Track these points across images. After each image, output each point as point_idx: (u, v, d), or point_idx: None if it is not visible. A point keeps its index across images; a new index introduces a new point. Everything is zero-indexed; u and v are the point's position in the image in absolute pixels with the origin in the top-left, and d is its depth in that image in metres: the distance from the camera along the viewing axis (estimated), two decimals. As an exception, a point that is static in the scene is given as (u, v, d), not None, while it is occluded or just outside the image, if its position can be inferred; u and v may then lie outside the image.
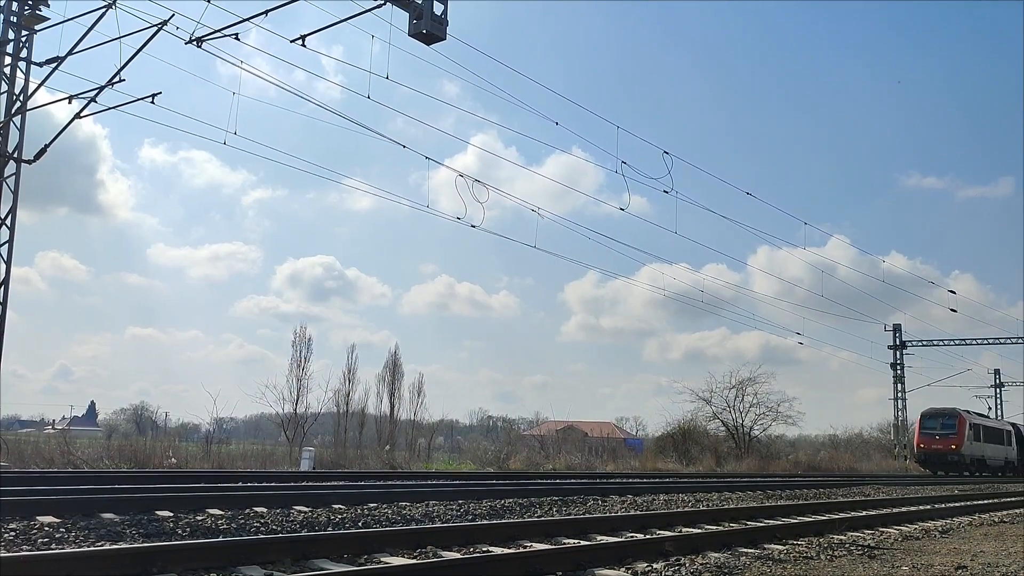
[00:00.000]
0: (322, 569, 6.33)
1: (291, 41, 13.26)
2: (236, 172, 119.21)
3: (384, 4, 12.26)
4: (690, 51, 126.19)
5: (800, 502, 15.08)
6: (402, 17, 11.97)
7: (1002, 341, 49.67)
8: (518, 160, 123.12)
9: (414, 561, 6.82)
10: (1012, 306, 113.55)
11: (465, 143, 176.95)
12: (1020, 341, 49.06)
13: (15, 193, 15.77)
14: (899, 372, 50.60)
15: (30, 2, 15.84)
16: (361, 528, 8.78)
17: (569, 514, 11.35)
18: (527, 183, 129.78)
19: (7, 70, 15.81)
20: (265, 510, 9.68)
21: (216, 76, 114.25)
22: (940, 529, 11.65)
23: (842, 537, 9.81)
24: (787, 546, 8.87)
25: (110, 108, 15.65)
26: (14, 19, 15.86)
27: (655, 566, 7.12)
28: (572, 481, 18.54)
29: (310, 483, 13.81)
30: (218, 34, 13.56)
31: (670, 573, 6.85)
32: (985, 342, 50.27)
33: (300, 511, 9.79)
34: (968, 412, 45.71)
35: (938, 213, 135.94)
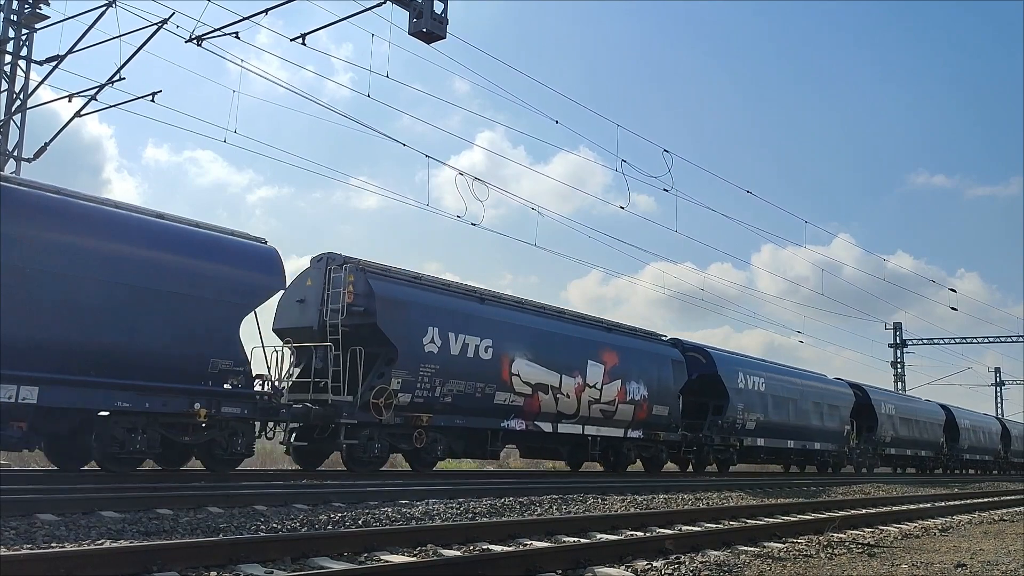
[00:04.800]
0: (322, 567, 6.34)
1: (291, 40, 13.29)
2: (242, 172, 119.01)
3: (384, 3, 12.28)
4: (694, 50, 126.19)
5: (800, 500, 15.10)
6: (404, 16, 12.00)
7: (1003, 339, 49.73)
8: (526, 159, 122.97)
9: (414, 559, 6.83)
10: (1016, 305, 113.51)
11: (471, 144, 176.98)
12: (1021, 340, 49.11)
13: (15, 192, 15.76)
14: (899, 370, 50.65)
15: (30, 0, 15.84)
16: (361, 526, 8.78)
17: (569, 512, 11.36)
18: (535, 182, 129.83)
19: (7, 68, 15.82)
20: (265, 508, 9.68)
21: (225, 75, 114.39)
22: (939, 527, 11.65)
23: (841, 535, 9.81)
24: (787, 544, 8.87)
25: (110, 106, 15.69)
26: (14, 17, 15.86)
27: (655, 564, 7.12)
28: (572, 480, 18.55)
29: (310, 481, 13.81)
30: (218, 33, 13.59)
31: (670, 571, 6.85)
32: (986, 340, 50.33)
33: (300, 509, 9.80)
34: None
35: (946, 212, 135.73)
